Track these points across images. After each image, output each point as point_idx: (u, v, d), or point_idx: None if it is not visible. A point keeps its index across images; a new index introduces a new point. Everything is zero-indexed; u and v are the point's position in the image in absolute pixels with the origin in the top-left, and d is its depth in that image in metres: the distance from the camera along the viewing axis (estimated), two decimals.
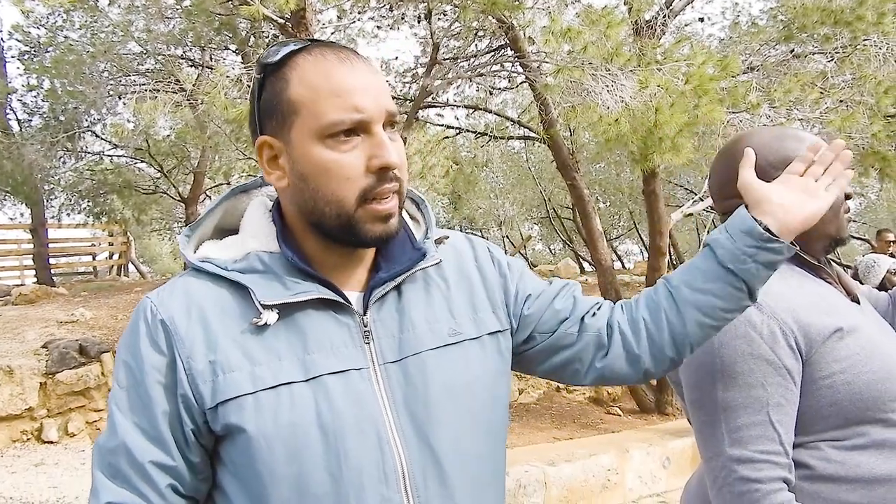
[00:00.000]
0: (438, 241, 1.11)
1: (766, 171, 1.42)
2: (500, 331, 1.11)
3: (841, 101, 6.88)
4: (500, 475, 1.08)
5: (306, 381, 0.93)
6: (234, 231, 1.08)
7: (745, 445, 1.22)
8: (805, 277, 1.37)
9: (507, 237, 21.21)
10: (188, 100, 8.05)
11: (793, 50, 7.42)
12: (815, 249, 1.41)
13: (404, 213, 1.11)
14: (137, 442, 0.93)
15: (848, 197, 1.44)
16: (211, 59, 9.77)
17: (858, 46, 6.84)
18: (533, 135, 8.71)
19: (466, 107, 9.59)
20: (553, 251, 25.03)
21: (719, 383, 1.26)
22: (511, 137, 10.15)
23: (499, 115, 9.95)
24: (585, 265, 17.99)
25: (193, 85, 8.36)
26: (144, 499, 0.93)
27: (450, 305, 1.07)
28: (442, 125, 10.25)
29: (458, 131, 10.56)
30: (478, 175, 13.50)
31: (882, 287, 6.34)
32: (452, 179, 11.84)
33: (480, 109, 9.60)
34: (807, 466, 1.25)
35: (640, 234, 18.21)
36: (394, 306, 1.03)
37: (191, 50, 9.64)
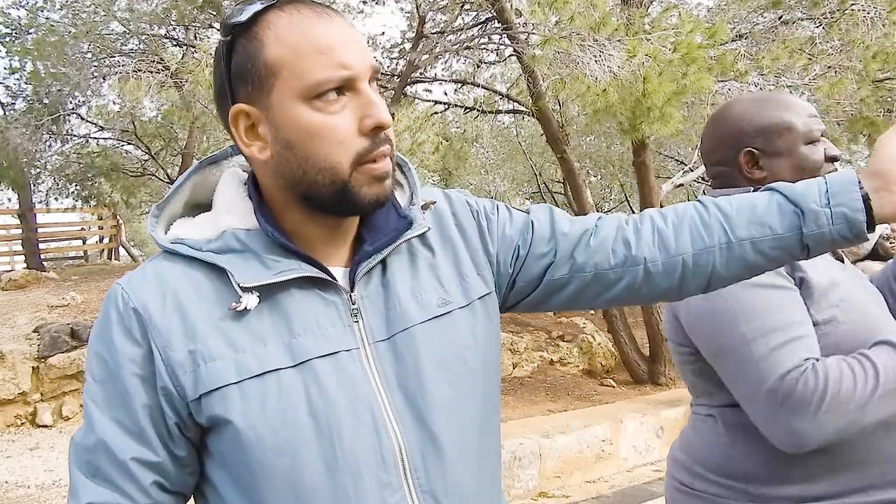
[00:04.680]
0: (425, 207, 1.03)
1: (742, 139, 1.41)
2: (487, 294, 1.03)
3: (829, 67, 6.86)
4: (496, 436, 1.04)
5: (294, 366, 0.88)
6: (208, 206, 0.99)
7: (781, 363, 1.20)
8: None
9: None
10: (173, 80, 7.95)
11: (781, 16, 7.37)
12: None
13: None
14: (117, 439, 0.88)
15: (834, 159, 1.42)
16: (195, 37, 9.64)
17: (846, 11, 6.80)
18: (522, 109, 8.66)
19: (455, 81, 9.51)
20: None
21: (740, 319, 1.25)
22: (500, 111, 10.10)
23: (488, 90, 9.88)
24: None
25: (178, 64, 8.27)
26: (128, 497, 0.88)
27: (437, 274, 1.00)
28: (430, 101, 10.15)
29: (446, 107, 10.49)
30: (468, 151, 13.41)
31: (874, 252, 6.35)
32: (443, 156, 11.75)
33: (469, 84, 9.53)
34: None
35: (631, 207, 18.21)
36: (379, 281, 0.96)
37: (174, 29, 9.51)
